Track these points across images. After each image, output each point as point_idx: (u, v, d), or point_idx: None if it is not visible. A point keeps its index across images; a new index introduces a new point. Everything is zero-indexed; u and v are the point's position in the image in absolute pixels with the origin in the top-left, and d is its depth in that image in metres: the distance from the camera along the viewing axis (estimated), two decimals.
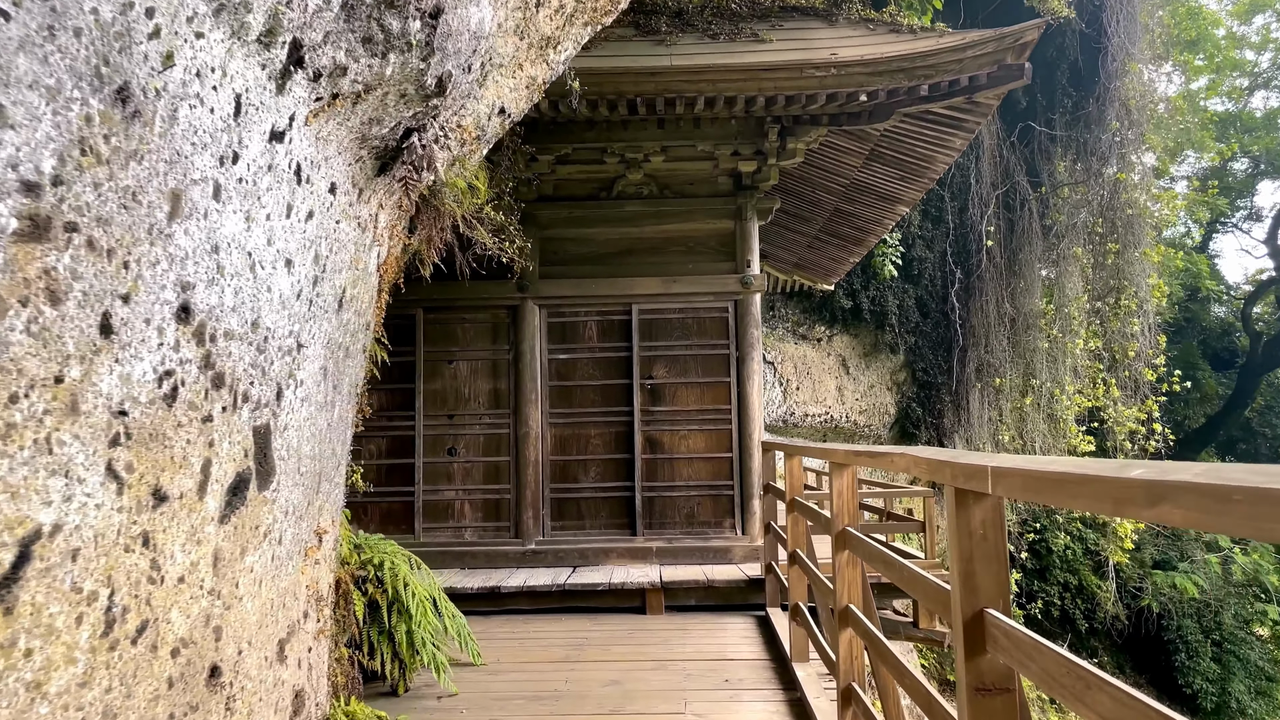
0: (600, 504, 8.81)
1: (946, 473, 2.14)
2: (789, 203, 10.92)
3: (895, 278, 16.30)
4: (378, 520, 8.79)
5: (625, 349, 8.89)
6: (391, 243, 4.70)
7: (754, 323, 8.80)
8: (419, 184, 4.04)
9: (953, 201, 16.99)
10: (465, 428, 8.89)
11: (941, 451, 2.39)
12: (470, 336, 8.99)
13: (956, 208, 17.11)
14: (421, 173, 3.95)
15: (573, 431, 8.88)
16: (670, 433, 8.83)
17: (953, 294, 16.94)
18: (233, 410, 2.85)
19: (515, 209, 7.66)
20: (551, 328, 8.97)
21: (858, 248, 12.45)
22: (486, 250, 5.93)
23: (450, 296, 8.81)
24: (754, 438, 8.69)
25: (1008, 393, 20.30)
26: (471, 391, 8.93)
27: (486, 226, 5.59)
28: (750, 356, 8.75)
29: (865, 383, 18.18)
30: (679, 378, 8.86)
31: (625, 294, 8.85)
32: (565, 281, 8.88)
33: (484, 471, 8.86)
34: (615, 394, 8.88)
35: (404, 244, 5.00)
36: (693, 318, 8.91)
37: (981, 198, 17.11)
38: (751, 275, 8.78)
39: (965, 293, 17.90)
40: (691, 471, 8.79)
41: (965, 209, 17.31)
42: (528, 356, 8.82)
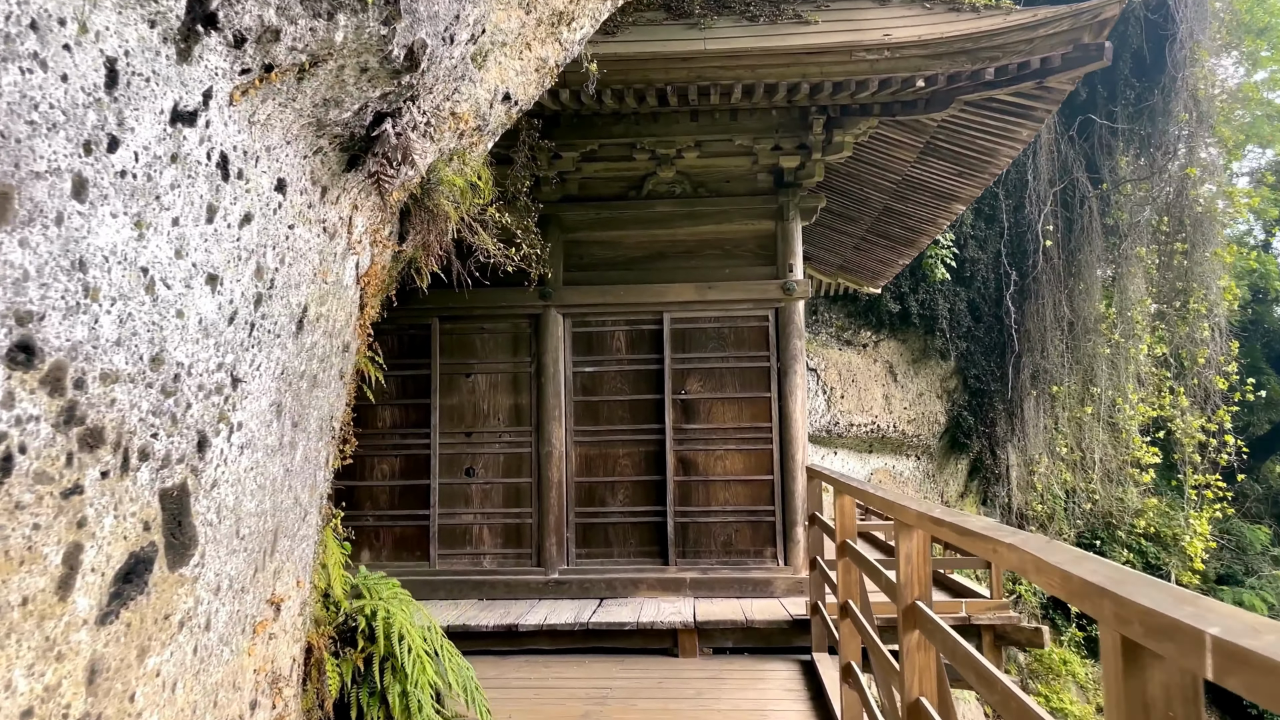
0: (629, 530, 8.11)
1: (1107, 610, 1.39)
2: (834, 201, 10.13)
3: (947, 280, 15.39)
4: (390, 546, 8.17)
5: (656, 361, 8.18)
6: (375, 251, 4.04)
7: (797, 332, 8.04)
8: (395, 180, 3.37)
9: (1008, 199, 16.04)
10: (484, 446, 8.24)
11: (1088, 563, 1.62)
12: (489, 348, 8.33)
13: (1011, 206, 16.15)
14: (397, 166, 3.28)
15: (599, 451, 8.19)
16: (705, 453, 8.10)
17: (1007, 297, 15.98)
18: (121, 474, 2.19)
19: (532, 210, 6.99)
20: (576, 338, 8.29)
21: (909, 249, 11.62)
22: (491, 257, 5.24)
23: (468, 305, 8.17)
24: (797, 459, 7.93)
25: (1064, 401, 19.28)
26: (491, 407, 8.27)
27: (492, 230, 4.91)
28: (793, 369, 8.00)
29: (914, 390, 17.27)
30: (715, 393, 8.14)
31: (656, 301, 8.14)
32: (591, 288, 8.19)
33: (504, 494, 8.20)
34: (645, 410, 8.18)
35: (393, 251, 4.33)
36: (729, 327, 8.18)
37: (1038, 195, 16.13)
38: (794, 281, 8.02)
39: (1020, 295, 16.93)
40: (729, 495, 8.05)
41: (1021, 207, 16.34)
42: (551, 369, 8.14)
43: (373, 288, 4.15)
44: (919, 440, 17.95)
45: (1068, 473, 20.97)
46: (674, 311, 8.17)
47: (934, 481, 19.53)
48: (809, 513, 6.82)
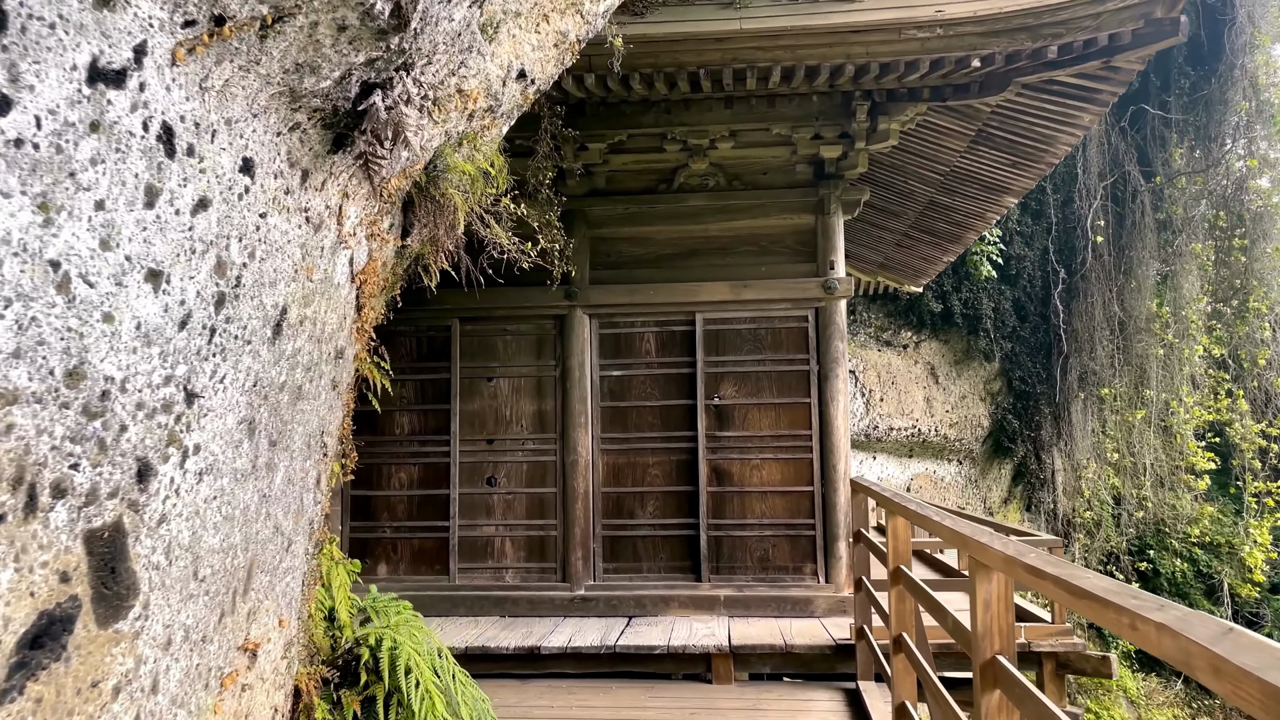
0: (660, 544, 7.65)
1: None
2: (876, 195, 9.59)
3: (992, 278, 14.75)
4: (408, 560, 7.78)
5: (688, 364, 7.71)
6: (373, 245, 3.61)
7: (838, 333, 7.53)
8: (385, 162, 2.93)
9: (1055, 194, 15.37)
10: (506, 454, 7.82)
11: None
12: (512, 350, 7.91)
13: (1059, 200, 15.48)
14: (388, 147, 2.84)
15: (628, 459, 7.74)
16: (740, 462, 7.61)
17: (1055, 295, 15.31)
18: (25, 517, 1.77)
19: (555, 203, 6.56)
20: (604, 340, 7.84)
21: (954, 245, 11.04)
22: (506, 253, 4.81)
23: (489, 306, 7.75)
24: (839, 469, 7.42)
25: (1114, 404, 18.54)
26: (513, 413, 7.85)
27: (508, 224, 4.47)
28: (834, 373, 7.49)
29: (956, 393, 16.64)
30: (750, 398, 7.65)
31: (688, 301, 7.67)
32: (619, 287, 7.74)
33: (527, 504, 7.78)
34: (676, 416, 7.71)
35: (396, 246, 3.91)
36: (766, 328, 7.69)
37: (1088, 189, 15.45)
38: (835, 279, 7.52)
39: (1068, 294, 16.25)
40: (765, 508, 7.56)
41: (1070, 202, 15.67)
42: (576, 373, 7.70)
43: (371, 287, 3.73)
44: (961, 444, 17.31)
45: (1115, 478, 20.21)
46: (707, 312, 7.70)
47: (976, 487, 18.87)
48: (854, 528, 6.32)
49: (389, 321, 7.52)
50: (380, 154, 2.83)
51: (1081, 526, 20.08)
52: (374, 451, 7.86)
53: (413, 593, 7.59)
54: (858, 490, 6.30)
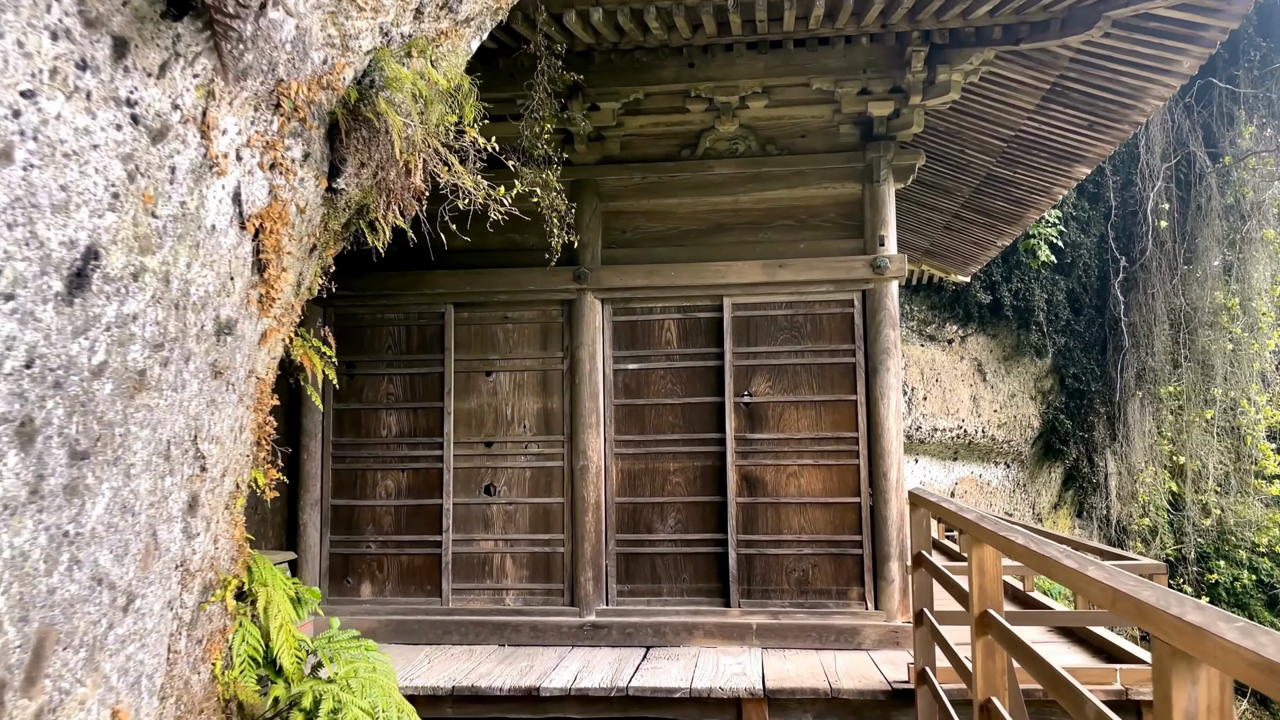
0: (682, 563, 6.65)
1: None
2: (926, 171, 8.53)
3: (1047, 265, 13.58)
4: (396, 579, 6.83)
5: (715, 356, 6.71)
6: (276, 180, 2.64)
7: (889, 320, 6.49)
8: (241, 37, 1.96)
9: (1115, 175, 14.16)
10: (507, 459, 6.85)
11: None
12: (514, 341, 6.94)
13: (1119, 183, 14.28)
14: (243, 9, 1.87)
15: (645, 465, 6.74)
16: (775, 468, 6.60)
17: (1115, 285, 14.10)
18: None
19: (554, 160, 5.58)
20: (618, 329, 6.85)
21: (1011, 227, 9.94)
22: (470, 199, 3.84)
23: (487, 289, 6.80)
24: (891, 477, 6.38)
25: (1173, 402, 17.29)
26: (515, 412, 6.88)
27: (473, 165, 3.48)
28: (885, 366, 6.45)
29: (1005, 391, 15.47)
30: (786, 395, 6.63)
31: (714, 283, 6.66)
32: (635, 268, 6.74)
33: (530, 516, 6.80)
34: (701, 416, 6.71)
35: (320, 186, 2.93)
36: (805, 314, 6.66)
37: (1150, 171, 14.23)
38: (886, 256, 6.48)
39: (1127, 284, 15.03)
40: (804, 521, 6.54)
41: (1129, 185, 14.46)
42: (586, 366, 6.72)
43: (279, 239, 2.75)
44: (1009, 446, 16.14)
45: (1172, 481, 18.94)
46: (736, 295, 6.69)
47: (1025, 492, 17.67)
48: (913, 549, 5.27)
49: (372, 307, 6.59)
50: (228, 15, 1.85)
51: (1136, 534, 18.86)
52: (357, 455, 6.93)
53: (400, 616, 6.67)
54: (918, 504, 5.25)
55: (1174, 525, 18.88)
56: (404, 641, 6.58)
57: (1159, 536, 19.09)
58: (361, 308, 6.98)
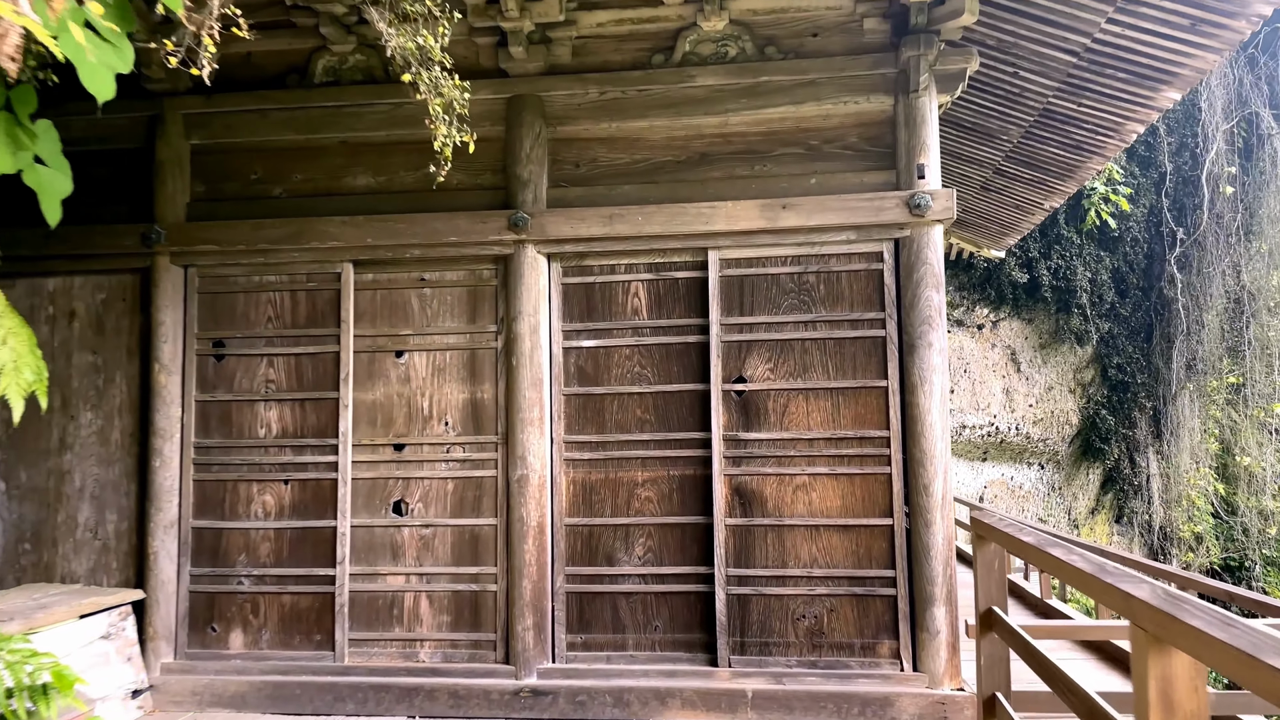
0: (654, 606, 4.97)
1: None
2: (963, 106, 6.84)
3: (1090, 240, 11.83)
4: (275, 625, 5.16)
5: (697, 330, 5.03)
6: None
7: (932, 278, 4.80)
8: None
9: (1169, 136, 12.40)
10: (423, 467, 5.18)
11: None
12: (432, 311, 5.26)
13: (1173, 145, 12.52)
14: None
15: (605, 475, 5.06)
16: (778, 479, 4.91)
17: (1171, 262, 12.34)
18: None
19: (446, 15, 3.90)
20: (569, 294, 5.18)
21: (1064, 183, 8.20)
22: None
23: (396, 241, 5.13)
24: (935, 491, 4.69)
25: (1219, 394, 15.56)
26: (433, 405, 5.21)
27: None
28: (926, 341, 4.76)
29: (1041, 384, 13.73)
30: (792, 380, 4.94)
31: (697, 232, 4.97)
32: (592, 213, 5.04)
33: (453, 543, 5.13)
34: (679, 409, 5.03)
35: None
36: (818, 273, 4.98)
37: (1206, 134, 12.48)
38: (927, 193, 4.77)
39: (1181, 261, 13.27)
40: (817, 551, 4.85)
41: (1182, 149, 12.70)
42: (527, 343, 5.04)
43: None
44: (1045, 445, 14.41)
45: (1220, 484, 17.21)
46: (726, 248, 5.00)
47: (1060, 496, 15.92)
48: (982, 605, 3.57)
49: (246, 266, 4.92)
50: None
51: (1181, 541, 17.13)
52: (227, 462, 5.27)
53: (280, 677, 4.99)
54: (987, 537, 3.54)
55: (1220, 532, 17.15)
56: (283, 711, 4.91)
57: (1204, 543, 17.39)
58: (232, 268, 5.31)
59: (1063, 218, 12.17)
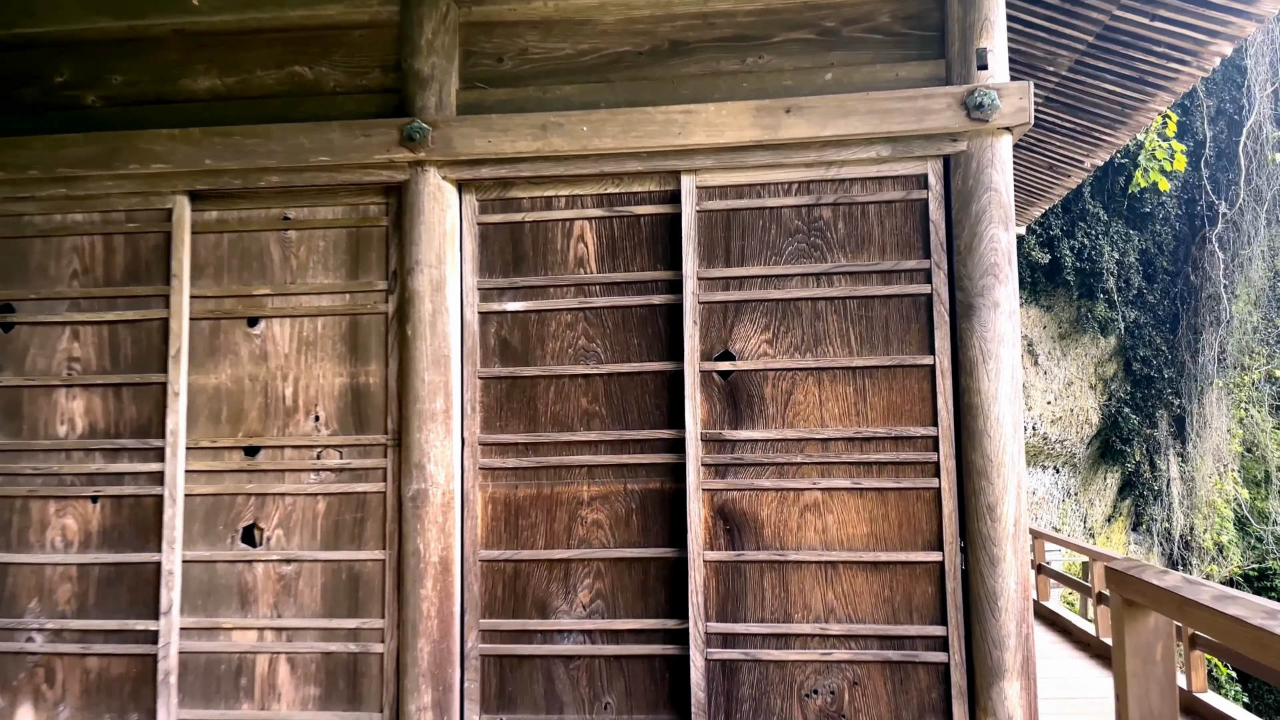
0: (604, 674, 3.52)
1: None
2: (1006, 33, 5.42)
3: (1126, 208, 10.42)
4: (77, 696, 3.69)
5: (666, 286, 3.60)
6: None
7: (999, 210, 3.37)
8: None
9: (1208, 98, 11.04)
10: (284, 479, 3.72)
11: None
12: (300, 261, 3.80)
13: (1212, 109, 11.16)
14: None
15: (537, 489, 3.61)
16: (778, 495, 3.48)
17: (1212, 239, 10.98)
18: None
19: None
20: (489, 237, 3.72)
21: (1113, 132, 6.78)
22: None
23: (248, 163, 3.66)
24: (1004, 513, 3.27)
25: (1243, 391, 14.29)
26: (299, 392, 3.75)
27: None
28: (990, 299, 3.33)
29: (1060, 378, 12.36)
30: (799, 356, 3.51)
31: (665, 148, 3.52)
32: (520, 122, 3.57)
33: (324, 585, 3.67)
34: (642, 397, 3.59)
35: None
36: (836, 205, 3.54)
37: (1249, 100, 11.14)
38: (989, 89, 3.34)
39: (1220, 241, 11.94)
40: (834, 597, 3.42)
41: (1220, 115, 11.36)
42: (428, 306, 3.58)
43: None
44: (1063, 447, 13.05)
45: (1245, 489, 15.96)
46: (706, 171, 3.56)
47: (1076, 502, 14.56)
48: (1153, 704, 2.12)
49: (43, 201, 3.38)
50: None
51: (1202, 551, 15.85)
52: (14, 471, 3.79)
53: None
54: (1142, 599, 2.07)
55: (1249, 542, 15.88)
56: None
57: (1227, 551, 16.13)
58: (24, 203, 3.83)
59: (1088, 190, 10.81)
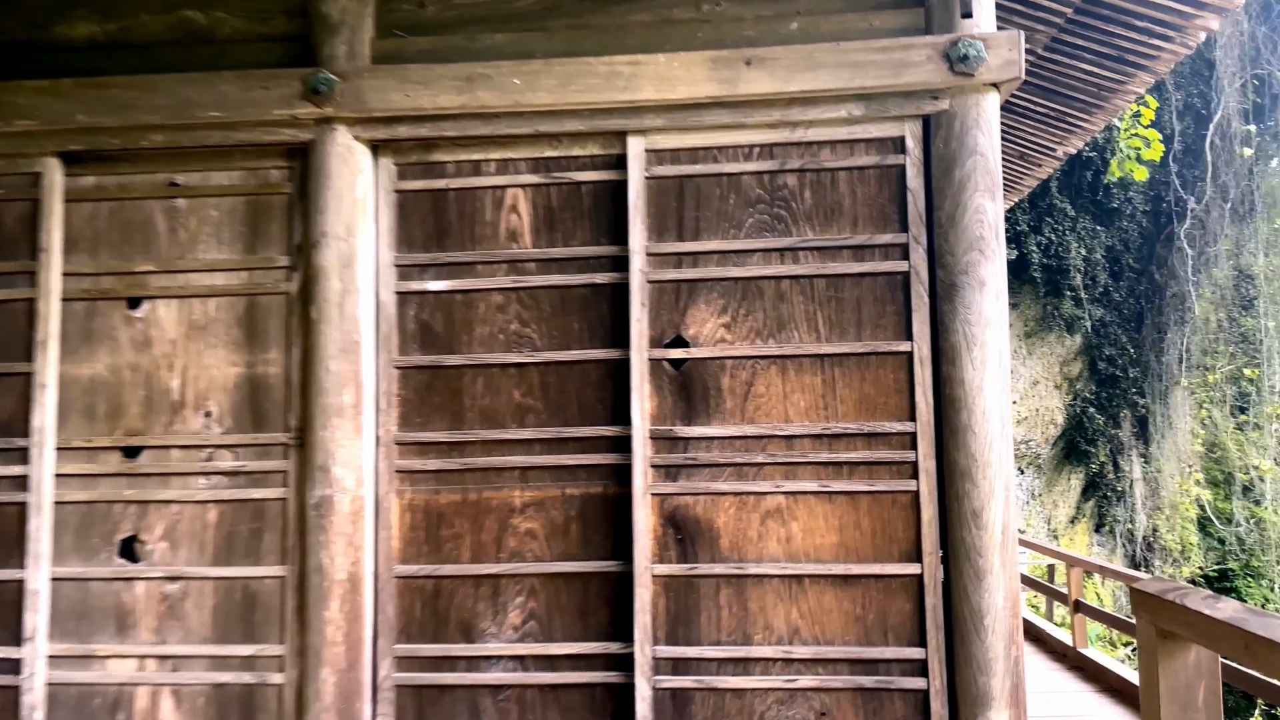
0: (538, 705, 3.07)
1: None
2: None
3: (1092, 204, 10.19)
4: None
5: (610, 263, 3.17)
6: None
7: (985, 177, 2.98)
8: None
9: (1176, 90, 10.84)
10: (169, 483, 3.23)
11: None
12: (190, 233, 3.31)
13: (1180, 103, 10.97)
14: None
15: (462, 495, 3.16)
16: (737, 500, 3.06)
17: (1180, 234, 10.78)
18: None
19: None
20: (408, 206, 3.26)
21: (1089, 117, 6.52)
22: None
23: (129, 119, 3.18)
24: (990, 517, 2.88)
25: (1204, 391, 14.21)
26: (188, 383, 3.26)
27: None
28: (975, 277, 2.94)
29: (1026, 378, 12.13)
30: (761, 342, 3.09)
31: (609, 104, 3.08)
32: (442, 73, 3.12)
33: (215, 606, 3.18)
34: (582, 389, 3.16)
35: None
36: (803, 172, 3.13)
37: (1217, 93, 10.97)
38: (975, 39, 2.95)
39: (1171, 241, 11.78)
40: (800, 615, 3.01)
41: (1189, 107, 11.18)
42: (335, 285, 3.12)
43: None
44: (1028, 448, 12.83)
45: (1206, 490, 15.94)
46: (656, 131, 3.14)
47: (1040, 504, 14.38)
48: None
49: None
50: None
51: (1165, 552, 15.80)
52: None
53: None
54: (1177, 626, 1.67)
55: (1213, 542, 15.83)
56: None
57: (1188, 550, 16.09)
58: None
59: (1055, 185, 10.57)
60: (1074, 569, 6.91)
